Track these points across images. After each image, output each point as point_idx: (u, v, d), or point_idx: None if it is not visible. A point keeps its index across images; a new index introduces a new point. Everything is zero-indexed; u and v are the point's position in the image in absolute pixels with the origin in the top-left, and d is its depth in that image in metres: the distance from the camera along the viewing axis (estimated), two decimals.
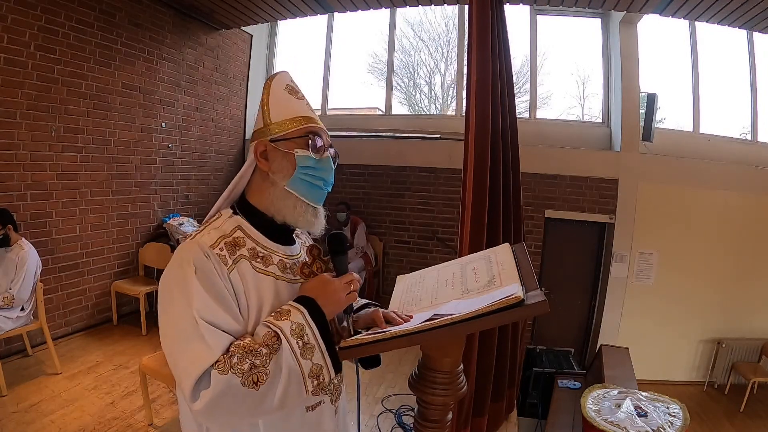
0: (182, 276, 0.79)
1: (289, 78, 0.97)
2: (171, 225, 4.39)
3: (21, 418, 2.54)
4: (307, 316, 0.81)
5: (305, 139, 0.90)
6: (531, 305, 0.76)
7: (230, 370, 0.72)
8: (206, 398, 0.71)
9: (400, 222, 5.17)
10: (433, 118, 5.74)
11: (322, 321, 0.82)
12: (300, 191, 0.90)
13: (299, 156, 0.89)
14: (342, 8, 4.40)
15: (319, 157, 0.91)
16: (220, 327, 0.77)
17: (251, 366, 0.74)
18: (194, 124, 4.85)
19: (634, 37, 4.48)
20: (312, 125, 0.92)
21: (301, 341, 0.79)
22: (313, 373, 0.79)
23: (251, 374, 0.73)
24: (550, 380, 3.35)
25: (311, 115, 0.94)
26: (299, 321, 0.80)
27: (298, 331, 0.79)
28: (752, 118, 4.69)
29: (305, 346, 0.79)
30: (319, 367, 0.80)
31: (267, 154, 0.90)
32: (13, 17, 3.07)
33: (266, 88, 0.93)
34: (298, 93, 0.95)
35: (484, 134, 2.44)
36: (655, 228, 4.43)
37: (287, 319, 0.80)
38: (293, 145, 0.89)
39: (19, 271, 2.85)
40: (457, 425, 2.47)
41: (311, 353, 0.79)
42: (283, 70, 0.98)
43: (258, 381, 0.73)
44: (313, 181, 0.90)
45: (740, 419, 3.91)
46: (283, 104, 0.92)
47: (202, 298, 0.77)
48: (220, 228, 0.88)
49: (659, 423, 1.93)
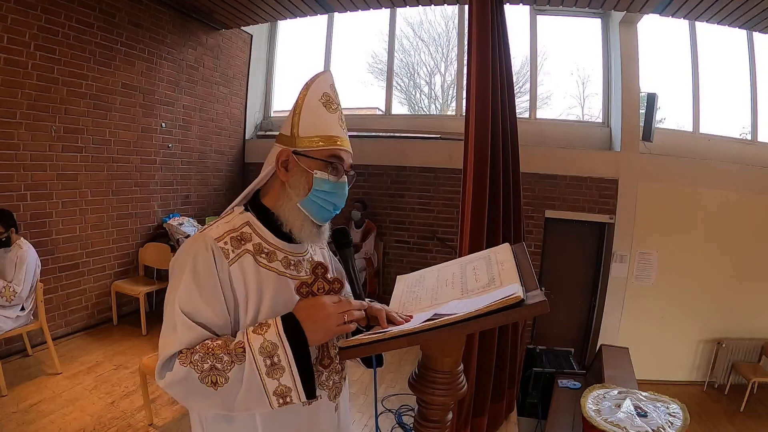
0: (181, 265, 0.84)
1: (329, 83, 0.95)
2: (171, 225, 4.39)
3: (21, 418, 2.54)
4: (283, 338, 0.79)
5: (327, 163, 0.90)
6: (531, 305, 0.76)
7: (190, 365, 0.76)
8: (168, 380, 0.77)
9: (400, 222, 5.17)
10: (433, 118, 5.74)
11: (300, 345, 0.80)
12: (310, 211, 0.92)
13: (317, 178, 0.90)
14: (342, 8, 4.41)
15: (336, 181, 0.91)
16: (197, 319, 0.80)
17: (212, 367, 0.76)
18: (194, 124, 4.86)
19: (634, 37, 4.48)
20: (337, 148, 0.91)
21: (269, 360, 0.78)
22: (278, 393, 0.79)
23: (210, 374, 0.76)
24: (550, 380, 3.34)
25: (339, 134, 0.93)
26: (272, 340, 0.79)
27: (268, 350, 0.78)
28: (752, 118, 4.69)
29: (273, 366, 0.78)
30: (286, 389, 0.79)
31: (288, 165, 0.91)
32: (13, 17, 3.07)
33: (303, 92, 0.92)
34: (333, 104, 0.94)
35: (484, 134, 2.44)
36: (655, 228, 4.43)
37: (262, 334, 0.79)
38: (314, 165, 0.90)
39: (19, 269, 2.85)
40: (457, 425, 2.46)
41: (279, 374, 0.79)
42: (325, 71, 0.96)
43: (217, 383, 0.76)
44: (324, 205, 0.92)
45: (740, 419, 3.91)
46: (315, 118, 0.91)
47: (188, 288, 0.81)
48: (230, 223, 0.91)
49: (659, 423, 1.93)
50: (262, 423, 0.87)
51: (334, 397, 0.97)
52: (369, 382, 3.29)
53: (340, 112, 0.96)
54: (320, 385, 0.93)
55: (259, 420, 0.87)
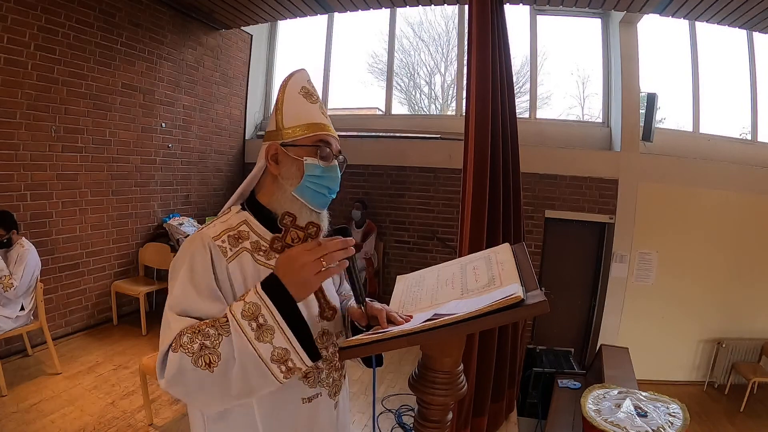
0: (180, 264, 0.84)
1: (305, 78, 0.97)
2: (171, 225, 4.39)
3: (21, 418, 2.54)
4: (263, 296, 0.75)
5: (314, 147, 0.92)
6: (531, 305, 0.76)
7: (180, 348, 0.73)
8: (165, 376, 0.75)
9: (400, 222, 5.17)
10: (433, 118, 5.74)
11: (284, 301, 0.75)
12: (305, 198, 0.93)
13: (307, 164, 0.91)
14: (342, 8, 4.41)
15: (327, 165, 0.93)
16: (191, 315, 0.79)
17: (201, 346, 0.73)
18: (194, 124, 4.86)
19: (634, 37, 4.48)
20: (322, 133, 0.93)
21: (255, 322, 0.74)
22: (277, 358, 0.74)
23: (201, 355, 0.72)
24: (550, 380, 3.34)
25: (323, 121, 0.95)
26: (253, 300, 0.75)
27: (251, 312, 0.74)
28: (752, 118, 4.69)
29: (260, 328, 0.74)
30: (284, 350, 0.74)
31: (277, 158, 0.92)
32: (13, 17, 3.07)
33: (282, 88, 0.95)
34: (312, 96, 0.96)
35: (484, 134, 2.44)
36: (655, 228, 4.43)
37: (242, 299, 0.76)
38: (303, 152, 0.91)
39: (18, 265, 2.85)
40: (457, 425, 2.47)
41: (269, 335, 0.74)
42: (300, 69, 0.98)
43: (210, 363, 0.72)
44: (318, 189, 0.93)
45: (740, 419, 3.91)
46: (297, 109, 0.93)
47: (184, 286, 0.81)
48: (227, 222, 0.92)
49: (659, 423, 1.93)
50: (261, 420, 0.87)
51: (333, 394, 0.97)
52: (369, 382, 3.28)
53: (321, 103, 0.98)
54: (320, 383, 0.94)
55: (258, 417, 0.87)
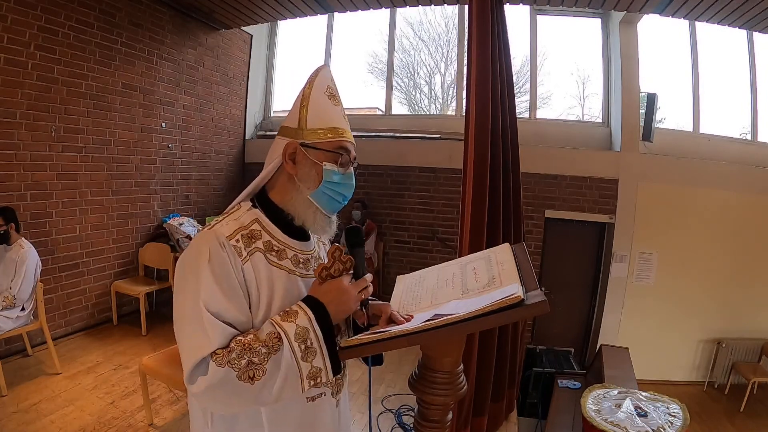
0: (196, 263, 0.82)
1: (330, 77, 0.97)
2: (171, 225, 4.39)
3: (21, 418, 2.54)
4: (313, 322, 0.83)
5: (336, 154, 0.91)
6: (531, 305, 0.76)
7: (228, 365, 0.75)
8: (203, 385, 0.76)
9: (400, 222, 5.17)
10: (433, 118, 5.74)
11: (328, 327, 0.84)
12: (320, 203, 0.93)
13: (326, 169, 0.91)
14: (342, 8, 4.41)
15: (345, 173, 0.93)
16: (224, 318, 0.80)
17: (249, 363, 0.76)
18: (194, 124, 4.85)
19: (634, 37, 4.48)
20: (344, 139, 0.93)
21: (303, 345, 0.81)
22: (311, 375, 0.82)
23: (248, 370, 0.76)
24: (550, 380, 3.34)
25: (344, 126, 0.95)
26: (304, 325, 0.82)
27: (301, 335, 0.81)
28: (752, 118, 4.69)
29: (307, 350, 0.81)
30: (318, 369, 0.83)
31: (295, 157, 0.91)
32: (13, 17, 3.07)
33: (308, 85, 0.93)
34: (336, 97, 0.96)
35: (484, 134, 2.44)
36: (654, 228, 4.43)
37: (293, 321, 0.82)
38: (323, 157, 0.91)
39: (19, 269, 2.85)
40: (457, 425, 2.47)
41: (312, 356, 0.82)
42: (323, 66, 0.98)
43: (254, 377, 0.77)
44: (334, 196, 0.93)
45: (740, 419, 3.91)
46: (321, 110, 0.92)
47: (210, 288, 0.79)
48: (239, 220, 0.89)
49: (659, 423, 1.93)
50: (267, 418, 0.88)
51: (336, 393, 0.98)
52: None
53: (342, 105, 0.98)
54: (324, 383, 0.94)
55: (264, 416, 0.88)
